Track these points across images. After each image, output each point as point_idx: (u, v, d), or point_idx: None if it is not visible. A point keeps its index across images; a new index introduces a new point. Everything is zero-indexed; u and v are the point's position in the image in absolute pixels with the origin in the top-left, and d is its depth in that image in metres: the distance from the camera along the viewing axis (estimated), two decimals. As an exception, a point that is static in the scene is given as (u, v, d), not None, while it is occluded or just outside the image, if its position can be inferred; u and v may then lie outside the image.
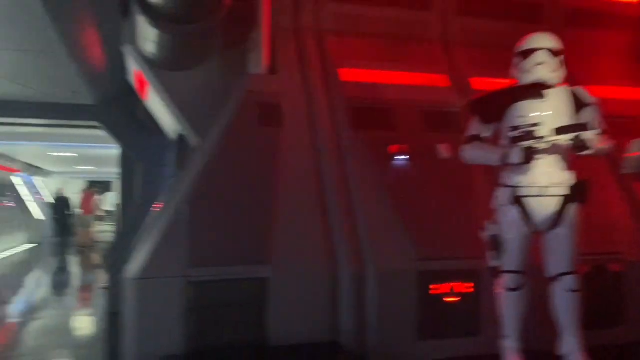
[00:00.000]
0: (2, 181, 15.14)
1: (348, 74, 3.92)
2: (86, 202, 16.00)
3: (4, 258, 13.04)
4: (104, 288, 8.46)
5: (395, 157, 3.59)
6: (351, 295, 3.16)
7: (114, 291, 6.76)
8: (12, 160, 14.61)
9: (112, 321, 6.61)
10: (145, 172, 6.97)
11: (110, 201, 22.86)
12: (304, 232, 3.24)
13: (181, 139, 4.42)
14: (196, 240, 3.05)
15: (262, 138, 3.50)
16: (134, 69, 4.24)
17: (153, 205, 6.07)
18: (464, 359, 3.22)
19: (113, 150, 11.42)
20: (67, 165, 16.90)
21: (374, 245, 3.22)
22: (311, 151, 3.54)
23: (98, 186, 19.63)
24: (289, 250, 3.15)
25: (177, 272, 2.96)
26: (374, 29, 4.14)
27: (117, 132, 6.89)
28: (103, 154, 13.05)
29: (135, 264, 3.00)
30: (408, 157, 3.62)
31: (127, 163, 7.36)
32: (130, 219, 6.91)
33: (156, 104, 4.36)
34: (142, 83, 4.33)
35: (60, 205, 16.82)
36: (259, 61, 3.84)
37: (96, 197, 17.55)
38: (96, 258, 14.04)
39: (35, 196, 17.95)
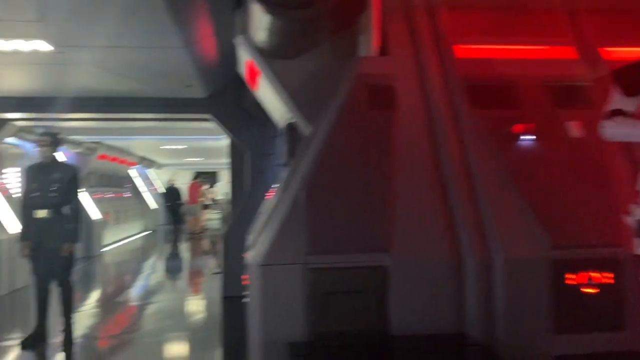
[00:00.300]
0: (121, 174, 16.34)
1: (464, 51, 3.71)
2: (193, 192, 16.85)
3: (123, 244, 14.10)
4: (216, 273, 8.86)
5: (521, 137, 3.35)
6: (477, 284, 2.99)
7: (227, 276, 7.05)
8: (129, 154, 15.69)
9: (226, 305, 6.90)
10: (253, 161, 7.15)
11: (217, 190, 23.98)
12: (424, 219, 3.11)
13: (291, 127, 4.44)
14: (314, 228, 3.03)
15: (375, 122, 3.40)
16: (245, 60, 4.31)
17: (264, 193, 6.21)
18: (604, 355, 2.95)
19: (220, 141, 11.89)
20: (177, 157, 17.91)
21: (500, 232, 3.03)
22: (427, 134, 3.39)
23: (205, 176, 20.60)
24: (409, 238, 3.04)
25: (297, 259, 2.96)
26: (491, 0, 3.88)
27: (227, 123, 7.11)
28: (210, 145, 13.64)
29: (257, 251, 3.03)
30: (535, 136, 3.35)
31: (235, 153, 7.60)
32: (240, 207, 7.13)
33: (267, 94, 4.40)
34: (253, 73, 4.39)
35: (171, 195, 17.87)
36: (369, 43, 3.74)
37: (203, 187, 18.42)
38: (205, 244, 14.78)
39: (149, 187, 19.23)
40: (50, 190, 4.96)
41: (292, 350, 2.81)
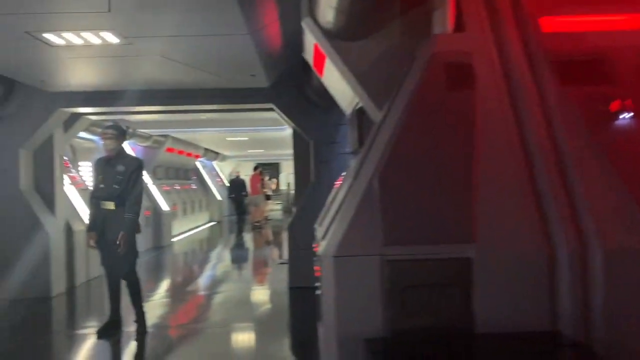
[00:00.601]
0: (188, 166, 16.72)
1: (549, 24, 3.39)
2: (255, 183, 17.01)
3: (191, 235, 14.44)
4: (282, 263, 8.86)
5: (618, 116, 3.02)
6: (572, 277, 2.72)
7: (293, 267, 7.01)
8: (196, 146, 16.02)
9: (293, 296, 6.87)
10: (317, 151, 7.03)
11: (278, 181, 24.15)
12: (511, 207, 2.85)
13: (359, 113, 4.26)
14: (390, 217, 2.84)
15: (454, 103, 3.15)
16: (311, 43, 4.16)
17: (329, 183, 6.12)
18: None
19: (283, 132, 11.89)
20: (240, 149, 18.13)
21: (598, 221, 2.73)
22: (511, 114, 3.11)
23: (266, 168, 20.78)
24: (495, 227, 2.80)
25: (373, 250, 2.79)
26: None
27: (289, 113, 7.02)
28: (272, 136, 13.68)
29: (330, 242, 2.88)
30: (633, 113, 3.02)
31: (299, 142, 7.51)
32: (306, 197, 7.04)
33: (333, 78, 4.24)
34: (319, 57, 4.24)
35: (236, 187, 18.14)
36: (444, 19, 3.49)
37: (266, 178, 18.58)
38: (268, 235, 14.91)
39: (214, 179, 19.60)
40: (114, 182, 5.02)
41: (369, 346, 2.65)
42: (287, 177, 24.80)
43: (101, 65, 5.50)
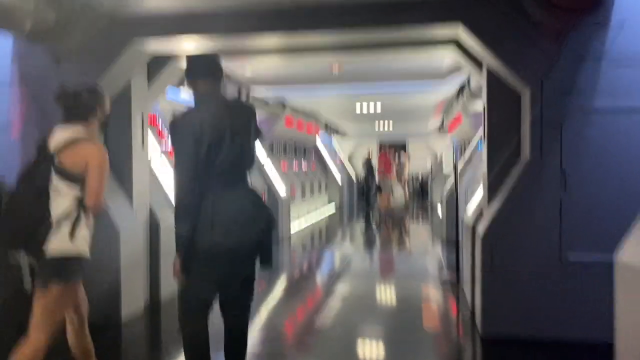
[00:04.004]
0: (308, 143, 14.42)
1: None
2: (386, 164, 14.26)
3: (311, 224, 12.11)
4: (446, 281, 6.13)
5: None
6: None
7: (490, 302, 4.26)
8: (317, 118, 13.61)
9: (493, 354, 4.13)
10: (541, 106, 4.14)
11: (429, 162, 21.11)
12: None
13: None
14: None
15: None
16: None
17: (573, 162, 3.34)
18: None
19: (429, 96, 9.05)
20: (366, 122, 15.35)
21: None
22: None
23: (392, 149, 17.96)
24: None
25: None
26: None
27: (488, 37, 4.20)
28: (412, 104, 10.86)
29: None
30: None
31: (496, 95, 4.63)
32: (514, 186, 4.20)
33: None
34: None
35: (369, 169, 15.54)
36: None
37: (403, 158, 15.79)
38: (405, 226, 12.19)
39: (334, 159, 17.17)
40: None
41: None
42: (430, 159, 21.67)
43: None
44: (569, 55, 4.01)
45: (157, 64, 5.10)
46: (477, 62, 4.86)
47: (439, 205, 11.40)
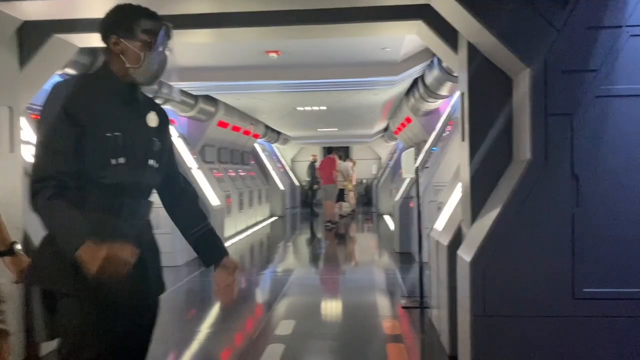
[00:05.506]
0: (245, 147, 13.21)
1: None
2: (329, 169, 13.23)
3: (249, 235, 10.90)
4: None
5: None
6: None
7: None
8: (256, 121, 12.43)
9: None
10: (544, 91, 3.18)
11: (374, 167, 20.34)
12: None
13: None
14: None
15: None
16: None
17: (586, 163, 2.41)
18: None
19: (376, 94, 8.16)
20: (308, 126, 14.29)
21: None
22: None
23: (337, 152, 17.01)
24: None
25: None
26: None
27: (473, 3, 3.19)
28: (357, 103, 9.91)
29: None
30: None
31: (482, 80, 3.65)
32: (510, 198, 3.21)
33: None
34: None
35: (313, 174, 14.48)
36: None
37: (349, 163, 14.82)
38: (351, 240, 11.19)
39: (275, 165, 16.03)
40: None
41: None
42: (374, 164, 21.16)
43: None
44: (579, 25, 3.07)
45: (33, 35, 3.81)
46: (450, 41, 3.88)
47: (387, 215, 10.44)
